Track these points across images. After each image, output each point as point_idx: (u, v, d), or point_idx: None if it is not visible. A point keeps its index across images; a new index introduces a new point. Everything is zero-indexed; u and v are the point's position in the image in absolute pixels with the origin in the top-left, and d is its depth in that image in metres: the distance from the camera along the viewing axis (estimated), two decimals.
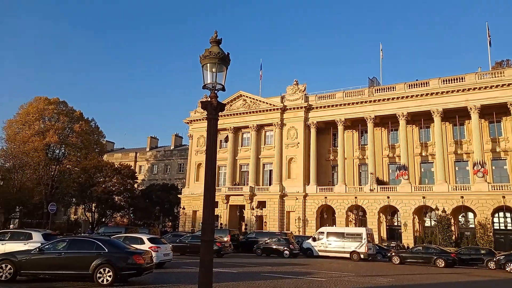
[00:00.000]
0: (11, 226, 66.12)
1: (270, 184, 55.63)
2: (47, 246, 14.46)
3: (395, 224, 50.50)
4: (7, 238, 19.98)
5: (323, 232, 35.61)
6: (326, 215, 52.79)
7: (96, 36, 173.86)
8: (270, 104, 56.89)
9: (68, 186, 60.16)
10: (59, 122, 64.55)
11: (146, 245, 19.35)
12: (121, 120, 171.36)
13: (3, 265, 13.71)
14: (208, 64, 7.34)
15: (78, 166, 62.23)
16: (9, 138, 62.96)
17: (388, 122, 51.59)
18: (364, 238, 32.99)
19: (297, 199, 52.84)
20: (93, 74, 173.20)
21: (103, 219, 63.31)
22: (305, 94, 56.10)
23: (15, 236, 20.24)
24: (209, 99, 7.40)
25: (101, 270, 13.16)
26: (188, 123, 64.35)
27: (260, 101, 58.01)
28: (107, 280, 13.06)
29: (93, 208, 61.63)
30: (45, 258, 13.76)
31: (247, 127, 58.58)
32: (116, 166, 63.69)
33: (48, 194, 60.06)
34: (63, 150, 66.52)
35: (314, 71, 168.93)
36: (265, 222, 54.40)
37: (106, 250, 13.67)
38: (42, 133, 62.56)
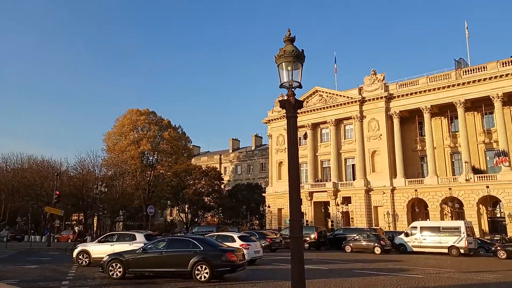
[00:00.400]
0: (118, 228, 72.99)
1: (353, 179, 54.27)
2: (149, 246, 15.69)
3: (498, 215, 46.11)
4: (114, 240, 21.99)
5: (416, 227, 33.79)
6: (418, 209, 49.96)
7: (167, 39, 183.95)
8: (348, 97, 55.48)
9: (163, 190, 64.76)
10: (150, 131, 69.89)
11: (237, 243, 20.14)
12: (204, 125, 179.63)
13: (114, 264, 15.19)
14: (283, 63, 7.39)
15: (170, 170, 66.76)
16: (109, 149, 69.68)
17: (481, 105, 47.23)
18: (463, 232, 30.67)
19: (384, 193, 50.83)
20: (174, 81, 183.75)
21: (196, 219, 67.07)
22: (385, 83, 53.72)
23: (121, 237, 22.21)
24: (286, 98, 7.49)
25: (199, 267, 13.93)
26: (266, 122, 65.38)
27: (337, 95, 56.87)
28: (204, 276, 13.80)
29: (186, 209, 65.62)
30: (148, 257, 14.97)
31: (325, 122, 57.79)
32: (203, 169, 67.11)
33: (146, 198, 65.31)
34: (156, 157, 71.82)
35: (392, 59, 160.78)
36: (352, 218, 53.20)
37: (202, 248, 14.46)
38: (136, 142, 68.18)
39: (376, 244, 32.10)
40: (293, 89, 7.48)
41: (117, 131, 70.71)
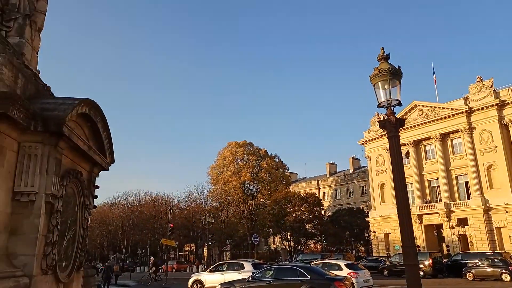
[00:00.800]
0: (225, 257, 75.91)
1: (468, 198, 49.36)
2: (257, 275, 16.16)
3: None
4: (224, 269, 23.08)
5: None
6: None
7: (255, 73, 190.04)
8: (452, 109, 51.44)
9: (264, 218, 66.05)
10: (249, 162, 72.55)
11: (344, 271, 19.59)
12: (299, 152, 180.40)
13: None
14: (379, 83, 7.27)
15: (270, 198, 68.02)
16: (213, 181, 73.77)
17: None
18: None
19: (507, 212, 45.23)
20: (266, 110, 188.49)
21: (298, 247, 66.71)
22: (494, 90, 48.79)
23: (230, 266, 23.24)
24: (386, 117, 7.31)
25: None
26: (363, 144, 63.47)
27: (439, 107, 53.14)
28: None
29: (288, 237, 65.76)
30: (257, 286, 15.41)
31: (428, 138, 54.11)
32: (302, 195, 67.08)
33: (249, 227, 67.18)
34: (255, 186, 73.95)
35: (498, 62, 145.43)
36: (470, 241, 48.07)
37: (309, 277, 14.44)
38: (237, 173, 71.17)
39: (503, 271, 28.46)
40: (392, 108, 7.34)
41: (219, 163, 74.73)
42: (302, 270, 14.99)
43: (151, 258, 58.26)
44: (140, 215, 66.53)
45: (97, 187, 10.41)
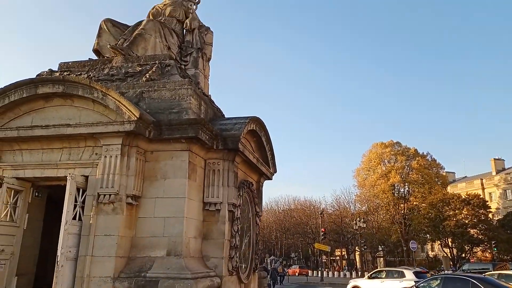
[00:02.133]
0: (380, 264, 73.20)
1: None
2: (422, 284, 15.24)
3: None
4: (383, 276, 22.38)
5: None
6: None
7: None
8: None
9: (420, 223, 61.46)
10: (397, 163, 68.70)
11: None
12: (455, 148, 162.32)
13: None
14: None
15: (425, 201, 63.01)
16: (360, 184, 72.07)
17: None
18: None
19: None
20: (413, 106, 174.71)
21: (462, 255, 60.02)
22: None
23: (390, 274, 22.41)
24: None
25: None
26: None
27: None
28: None
29: (449, 243, 59.78)
30: None
31: None
32: (463, 197, 60.37)
33: (403, 232, 63.38)
34: (407, 188, 69.57)
35: None
36: None
37: None
38: (385, 175, 68.10)
39: None
40: None
41: (364, 166, 72.72)
42: (475, 281, 13.52)
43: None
44: (290, 219, 69.04)
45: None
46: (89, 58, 9.76)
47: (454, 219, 56.90)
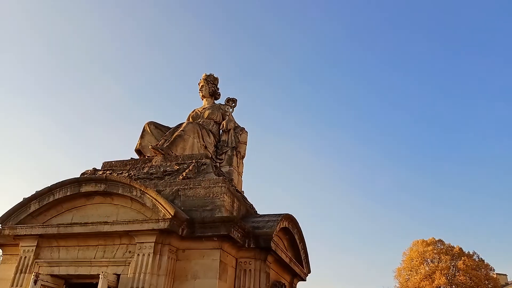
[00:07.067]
0: None
1: None
2: None
3: None
4: None
5: None
6: None
7: None
8: None
9: None
10: (441, 262, 63.90)
11: None
12: (506, 246, 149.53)
13: None
14: None
15: None
16: (402, 286, 66.62)
17: None
18: None
19: None
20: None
21: None
22: None
23: None
24: None
25: None
26: None
27: None
28: None
29: None
30: None
31: None
32: None
33: None
34: None
35: None
36: None
37: None
38: (429, 276, 63.04)
39: None
40: None
41: (406, 266, 67.96)
42: None
43: None
44: None
45: None
46: (131, 158, 10.35)
47: None
